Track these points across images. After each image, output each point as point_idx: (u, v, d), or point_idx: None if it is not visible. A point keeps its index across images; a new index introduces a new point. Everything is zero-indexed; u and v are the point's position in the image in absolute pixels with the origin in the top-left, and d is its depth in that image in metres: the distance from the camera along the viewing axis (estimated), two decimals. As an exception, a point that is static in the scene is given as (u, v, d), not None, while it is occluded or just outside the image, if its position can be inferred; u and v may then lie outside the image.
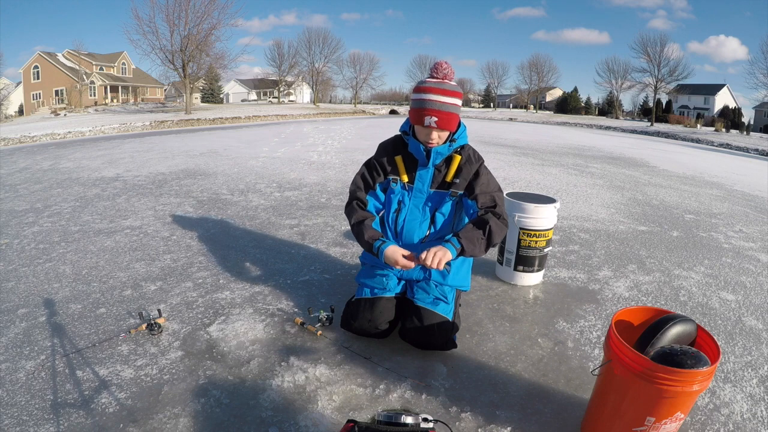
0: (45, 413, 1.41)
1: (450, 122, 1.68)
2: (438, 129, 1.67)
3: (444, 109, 1.65)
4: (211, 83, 41.14)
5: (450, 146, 1.75)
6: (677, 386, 1.10)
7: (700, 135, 19.79)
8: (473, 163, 1.79)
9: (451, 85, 1.68)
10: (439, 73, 1.69)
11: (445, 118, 1.66)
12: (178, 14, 22.20)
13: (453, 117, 1.68)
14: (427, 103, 1.65)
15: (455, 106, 1.68)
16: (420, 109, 1.67)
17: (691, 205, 4.81)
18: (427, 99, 1.65)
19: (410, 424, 0.94)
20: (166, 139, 10.31)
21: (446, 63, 1.70)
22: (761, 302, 2.41)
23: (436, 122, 1.65)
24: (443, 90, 1.65)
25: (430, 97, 1.64)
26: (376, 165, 1.87)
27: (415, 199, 1.83)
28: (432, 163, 1.77)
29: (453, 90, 1.68)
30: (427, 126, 1.67)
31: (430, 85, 1.66)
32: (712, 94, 44.67)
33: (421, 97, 1.66)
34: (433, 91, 1.65)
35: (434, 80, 1.68)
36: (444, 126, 1.67)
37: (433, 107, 1.64)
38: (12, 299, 2.17)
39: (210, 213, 3.77)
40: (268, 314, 2.05)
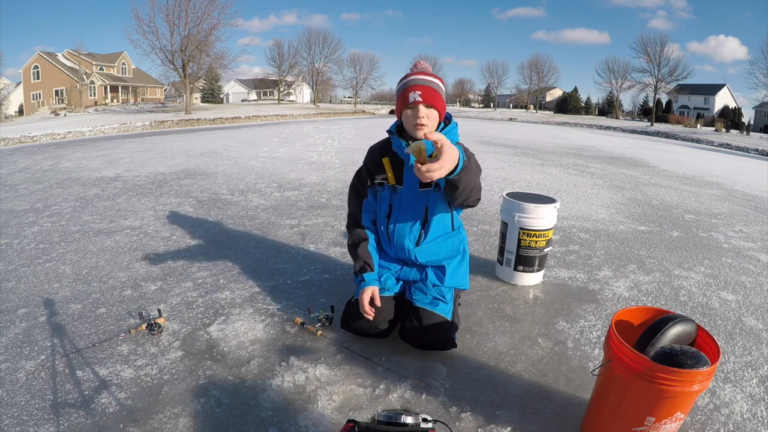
0: (45, 413, 1.41)
1: (435, 98, 1.64)
2: (424, 104, 1.61)
3: (426, 83, 1.63)
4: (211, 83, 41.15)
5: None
6: (677, 386, 1.10)
7: (700, 135, 19.79)
8: None
9: (428, 69, 1.73)
10: (418, 68, 1.73)
11: (430, 92, 1.63)
12: (178, 14, 22.22)
13: (437, 94, 1.65)
14: (409, 81, 1.65)
15: (437, 85, 1.67)
16: (404, 90, 1.65)
17: (691, 205, 4.81)
18: (409, 79, 1.66)
19: (410, 424, 0.94)
20: (166, 139, 10.31)
21: (424, 61, 1.77)
22: (761, 302, 2.41)
23: (420, 95, 1.61)
24: (424, 73, 1.68)
25: (411, 77, 1.66)
26: (363, 172, 1.85)
27: (405, 200, 1.77)
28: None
29: (432, 73, 1.70)
30: (412, 102, 1.61)
31: (410, 72, 1.70)
32: (712, 94, 44.69)
33: (403, 81, 1.68)
34: (414, 74, 1.68)
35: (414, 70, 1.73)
36: (429, 99, 1.61)
37: (415, 83, 1.63)
38: (12, 299, 2.17)
39: (210, 213, 3.77)
40: (268, 314, 2.05)
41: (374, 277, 1.78)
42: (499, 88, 55.25)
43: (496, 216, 3.80)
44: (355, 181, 1.89)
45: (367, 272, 1.77)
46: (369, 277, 1.77)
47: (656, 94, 33.97)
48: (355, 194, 1.89)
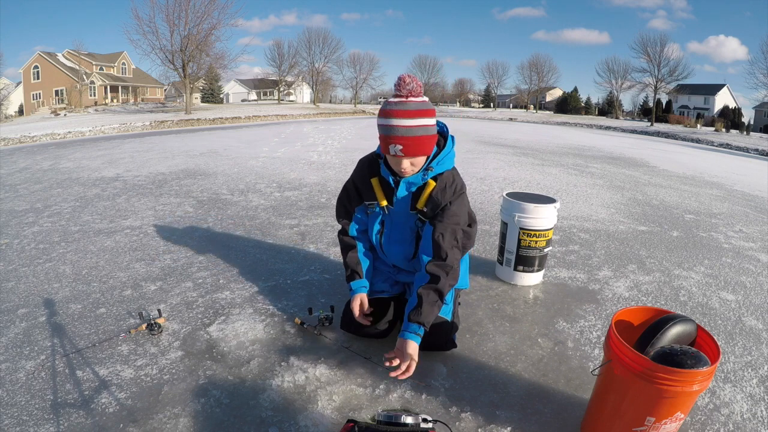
0: (45, 413, 1.41)
1: (419, 147, 1.48)
2: (406, 157, 1.48)
3: (409, 134, 1.44)
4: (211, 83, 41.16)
5: (424, 176, 1.58)
6: (677, 386, 1.10)
7: (700, 135, 19.79)
8: (447, 193, 1.60)
9: (415, 104, 1.46)
10: (403, 90, 1.46)
11: (413, 144, 1.46)
12: (178, 14, 22.23)
13: (422, 141, 1.48)
14: (389, 129, 1.45)
15: (423, 127, 1.46)
16: (384, 137, 1.49)
17: (691, 205, 4.81)
18: (389, 125, 1.45)
19: (410, 424, 0.94)
20: (166, 139, 10.31)
21: (410, 77, 1.46)
22: (761, 302, 2.41)
23: (401, 150, 1.46)
24: (406, 112, 1.44)
25: (392, 123, 1.44)
26: (352, 190, 1.78)
27: (396, 222, 1.73)
28: (401, 194, 1.63)
29: (418, 109, 1.45)
30: (393, 155, 1.49)
31: (391, 108, 1.45)
32: (712, 94, 44.70)
33: (383, 123, 1.47)
34: (394, 114, 1.44)
35: (396, 100, 1.47)
36: (412, 153, 1.47)
37: (396, 134, 1.44)
38: (12, 299, 2.17)
39: (210, 213, 3.77)
40: (268, 314, 2.05)
41: (362, 284, 1.77)
42: (499, 88, 55.30)
43: (496, 216, 3.80)
44: (343, 195, 1.83)
45: (355, 280, 1.77)
46: (356, 285, 1.76)
47: (656, 94, 33.98)
48: (343, 207, 1.84)
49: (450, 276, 1.55)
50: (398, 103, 1.45)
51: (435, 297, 1.51)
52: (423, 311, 1.47)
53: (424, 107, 1.47)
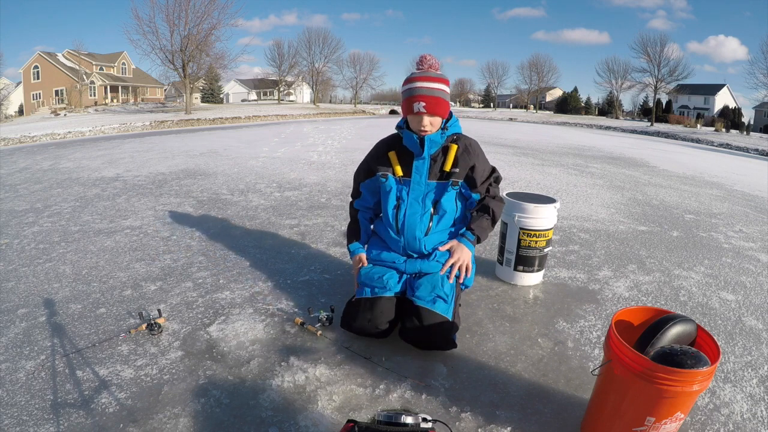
0: (45, 413, 1.41)
1: (438, 106, 1.74)
2: (428, 114, 1.73)
3: (431, 93, 1.72)
4: (211, 83, 41.17)
5: (443, 134, 1.81)
6: (677, 386, 1.10)
7: (700, 135, 19.79)
8: (470, 154, 1.87)
9: (436, 73, 1.77)
10: (425, 65, 1.79)
11: (434, 102, 1.72)
12: (178, 14, 22.24)
13: (441, 102, 1.74)
14: (414, 90, 1.73)
15: (442, 91, 1.75)
16: (409, 98, 1.75)
17: (691, 205, 4.81)
18: (413, 87, 1.73)
19: (410, 424, 0.94)
20: (166, 139, 10.31)
21: (430, 55, 1.80)
22: (761, 302, 2.41)
23: (424, 107, 1.71)
24: (428, 77, 1.74)
25: (417, 85, 1.73)
26: (363, 167, 2.01)
27: (413, 192, 1.86)
28: (427, 153, 1.82)
29: (438, 77, 1.75)
30: (416, 112, 1.73)
31: (415, 75, 1.76)
32: (712, 94, 44.70)
33: (408, 87, 1.75)
34: (418, 79, 1.74)
35: (420, 70, 1.79)
36: (433, 110, 1.73)
37: (420, 93, 1.72)
38: (12, 299, 2.17)
39: (210, 213, 3.77)
40: (268, 314, 2.05)
41: (359, 245, 2.00)
42: (499, 88, 55.34)
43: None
44: (356, 174, 2.07)
45: (353, 242, 2.01)
46: (354, 246, 2.00)
47: (656, 94, 33.99)
48: (355, 184, 2.07)
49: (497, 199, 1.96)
50: (422, 72, 1.77)
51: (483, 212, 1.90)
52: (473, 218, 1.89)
53: (443, 77, 1.77)
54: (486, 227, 1.87)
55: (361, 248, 1.99)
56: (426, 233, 1.87)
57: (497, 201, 1.95)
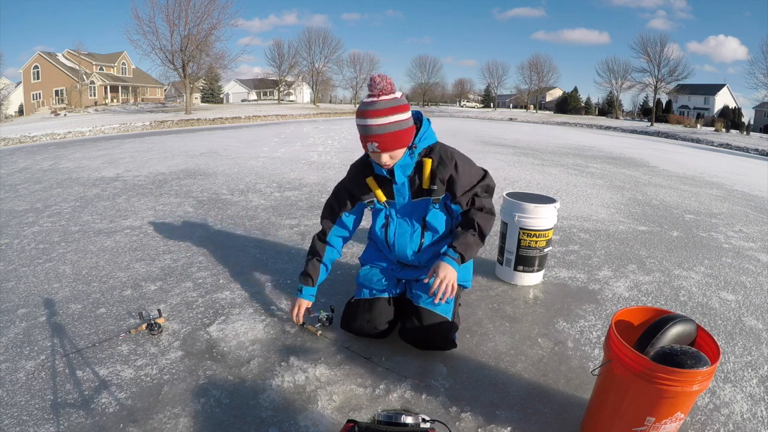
0: (45, 413, 1.41)
1: (395, 142, 1.56)
2: (384, 152, 1.57)
3: (383, 131, 1.52)
4: (211, 83, 41.16)
5: (412, 154, 1.64)
6: (677, 386, 1.10)
7: (700, 135, 19.79)
8: (447, 165, 1.68)
9: (386, 102, 1.52)
10: (374, 90, 1.53)
11: (388, 140, 1.54)
12: (178, 14, 22.23)
13: (397, 135, 1.55)
14: (364, 129, 1.54)
15: (396, 123, 1.53)
16: (362, 136, 1.58)
17: (691, 205, 4.81)
18: (362, 125, 1.54)
19: (410, 424, 0.94)
20: (166, 139, 10.31)
21: (380, 77, 1.54)
22: (761, 302, 2.41)
23: (378, 147, 1.54)
24: (378, 111, 1.51)
25: (367, 122, 1.52)
26: (342, 193, 1.84)
27: (400, 212, 1.78)
28: (401, 179, 1.68)
29: (388, 107, 1.52)
30: (372, 152, 1.59)
31: (364, 108, 1.54)
32: (712, 94, 44.70)
33: (359, 123, 1.56)
34: (367, 114, 1.52)
35: (369, 100, 1.54)
36: (388, 148, 1.56)
37: (370, 132, 1.53)
38: (12, 299, 2.17)
39: (210, 213, 3.77)
40: (268, 314, 2.06)
41: (311, 293, 1.88)
42: (499, 88, 55.30)
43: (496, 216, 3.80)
44: (333, 199, 1.88)
45: (307, 286, 1.86)
46: (307, 291, 1.87)
47: (656, 94, 33.99)
48: (329, 210, 1.88)
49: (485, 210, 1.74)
50: (370, 103, 1.53)
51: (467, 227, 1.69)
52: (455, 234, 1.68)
53: (396, 104, 1.53)
54: (471, 243, 1.66)
55: (311, 295, 1.87)
56: (418, 250, 1.81)
57: (484, 213, 1.73)
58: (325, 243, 1.88)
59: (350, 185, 1.81)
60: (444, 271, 1.58)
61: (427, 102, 51.74)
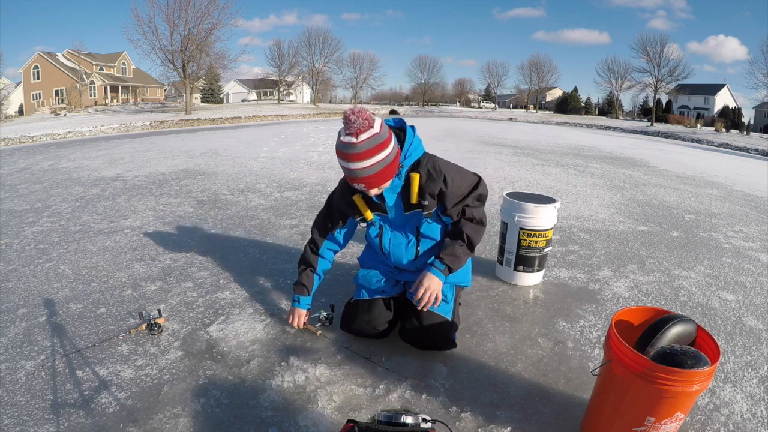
0: (45, 413, 1.41)
1: (380, 179, 1.53)
2: (373, 189, 1.56)
3: (367, 173, 1.48)
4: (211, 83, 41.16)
5: (399, 175, 1.61)
6: (677, 386, 1.10)
7: (700, 135, 19.78)
8: (436, 180, 1.62)
9: (366, 143, 1.43)
10: (351, 129, 1.42)
11: (374, 180, 1.51)
12: (178, 14, 22.21)
13: (381, 174, 1.51)
14: (348, 171, 1.51)
15: (380, 162, 1.48)
16: (346, 175, 1.56)
17: (691, 205, 4.81)
18: (347, 168, 1.50)
19: (410, 424, 0.94)
20: (166, 139, 10.31)
21: (354, 113, 1.42)
22: (761, 302, 2.41)
23: (365, 187, 1.54)
24: (358, 155, 1.44)
25: (349, 166, 1.48)
26: (335, 210, 1.84)
27: (394, 224, 1.77)
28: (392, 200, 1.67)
29: (369, 148, 1.44)
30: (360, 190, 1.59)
31: (344, 151, 1.46)
32: (712, 94, 44.69)
33: (341, 164, 1.52)
34: (348, 158, 1.46)
35: (347, 140, 1.44)
36: (376, 185, 1.54)
37: (355, 176, 1.50)
38: (12, 299, 2.17)
39: (210, 213, 3.77)
40: (268, 314, 2.06)
41: (308, 302, 1.89)
42: (499, 88, 55.29)
43: (496, 216, 3.79)
44: (325, 212, 1.89)
45: (303, 296, 1.87)
46: (304, 300, 1.88)
47: (656, 94, 33.97)
48: (321, 222, 1.90)
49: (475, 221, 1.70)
50: (349, 145, 1.44)
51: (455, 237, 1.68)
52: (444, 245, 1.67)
53: (376, 142, 1.45)
54: (459, 254, 1.65)
55: (307, 304, 1.88)
56: (415, 258, 1.80)
57: (474, 224, 1.69)
58: (317, 255, 1.90)
59: (340, 203, 1.81)
60: (428, 282, 1.62)
61: (427, 102, 51.74)
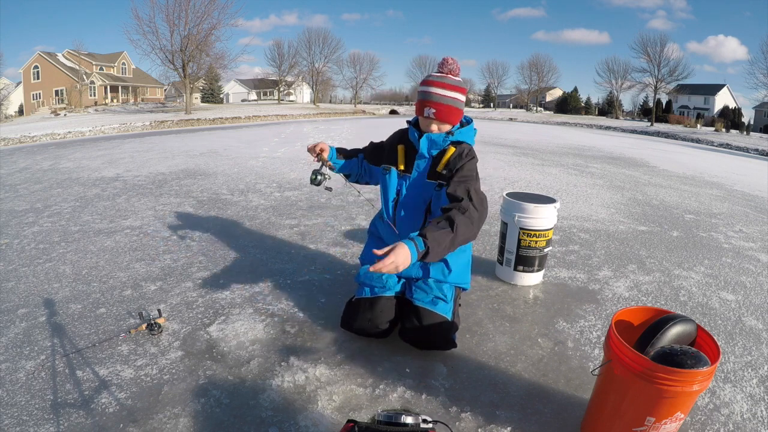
0: (45, 413, 1.41)
1: (449, 115, 1.71)
2: (437, 120, 1.72)
3: (443, 101, 1.69)
4: (211, 83, 41.14)
5: (446, 138, 1.75)
6: (677, 386, 1.10)
7: (700, 135, 19.79)
8: (463, 159, 1.72)
9: (453, 80, 1.72)
10: (445, 69, 1.73)
11: (444, 110, 1.70)
12: (178, 14, 22.21)
13: (452, 110, 1.71)
14: (427, 95, 1.70)
15: (455, 99, 1.71)
16: (421, 101, 1.73)
17: (691, 205, 4.81)
18: (427, 91, 1.70)
19: (410, 424, 0.94)
20: (166, 139, 10.31)
21: (452, 59, 1.73)
22: (761, 302, 2.41)
23: (434, 113, 1.70)
24: (444, 84, 1.69)
25: (431, 90, 1.69)
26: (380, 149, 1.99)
27: (412, 188, 1.83)
28: (426, 150, 1.76)
29: (455, 85, 1.71)
30: (426, 117, 1.73)
31: (432, 79, 1.71)
32: (712, 94, 44.67)
33: (423, 89, 1.72)
34: (434, 84, 1.69)
35: (438, 74, 1.73)
36: (442, 118, 1.71)
37: (432, 99, 1.69)
38: (12, 299, 2.17)
39: (210, 213, 3.77)
40: (268, 314, 2.06)
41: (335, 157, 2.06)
42: (499, 88, 55.27)
43: (496, 216, 3.79)
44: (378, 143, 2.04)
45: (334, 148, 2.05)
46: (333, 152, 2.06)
47: (656, 94, 33.96)
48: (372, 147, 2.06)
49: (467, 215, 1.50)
50: (440, 76, 1.71)
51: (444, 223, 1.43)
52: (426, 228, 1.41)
53: (460, 85, 1.73)
54: (443, 243, 1.41)
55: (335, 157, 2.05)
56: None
57: (466, 218, 1.49)
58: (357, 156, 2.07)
59: (387, 146, 1.96)
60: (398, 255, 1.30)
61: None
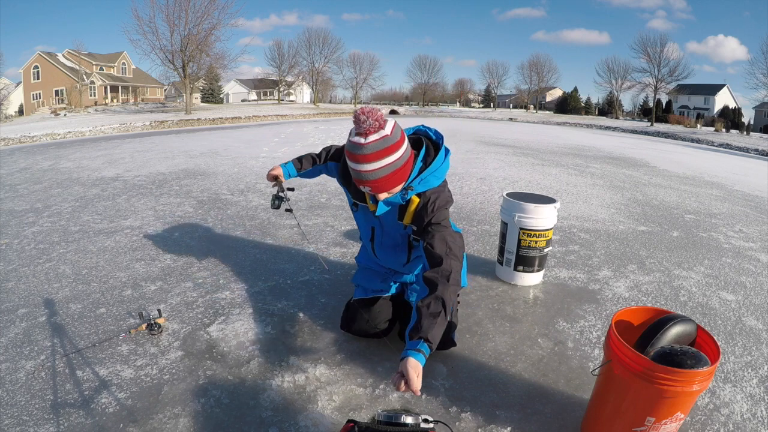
0: (45, 413, 1.41)
1: (388, 184, 1.44)
2: (379, 193, 1.48)
3: (374, 177, 1.40)
4: (211, 83, 41.13)
5: (404, 195, 1.52)
6: (677, 386, 1.10)
7: (700, 135, 19.78)
8: (428, 212, 1.51)
9: (374, 145, 1.35)
10: (360, 129, 1.36)
11: (380, 184, 1.43)
12: (178, 14, 22.19)
13: (389, 179, 1.43)
14: (355, 173, 1.43)
15: (387, 165, 1.39)
16: (354, 177, 1.47)
17: (691, 205, 4.81)
18: (354, 169, 1.42)
19: (410, 424, 0.94)
20: (166, 139, 10.31)
21: (365, 113, 1.35)
22: (761, 302, 2.41)
23: (371, 191, 1.47)
24: (365, 156, 1.36)
25: (356, 168, 1.40)
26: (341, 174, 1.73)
27: (386, 228, 1.71)
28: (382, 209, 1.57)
29: (377, 150, 1.36)
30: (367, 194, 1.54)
31: (352, 152, 1.38)
32: (712, 94, 44.66)
33: (350, 165, 1.43)
34: (356, 159, 1.38)
35: (356, 140, 1.37)
36: (382, 190, 1.46)
37: (361, 178, 1.42)
38: (12, 299, 2.17)
39: (210, 213, 3.77)
40: (268, 314, 2.06)
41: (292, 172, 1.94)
42: (499, 88, 55.26)
43: (496, 216, 3.80)
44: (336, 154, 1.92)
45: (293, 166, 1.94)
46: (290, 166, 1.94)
47: (656, 94, 33.94)
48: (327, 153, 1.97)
49: (451, 281, 1.37)
50: (357, 146, 1.37)
51: (436, 307, 1.28)
52: (422, 325, 1.24)
53: (386, 145, 1.37)
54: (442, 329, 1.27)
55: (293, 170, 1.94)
56: (406, 262, 1.79)
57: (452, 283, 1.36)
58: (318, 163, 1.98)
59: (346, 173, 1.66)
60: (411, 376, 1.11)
61: (427, 102, 51.73)
